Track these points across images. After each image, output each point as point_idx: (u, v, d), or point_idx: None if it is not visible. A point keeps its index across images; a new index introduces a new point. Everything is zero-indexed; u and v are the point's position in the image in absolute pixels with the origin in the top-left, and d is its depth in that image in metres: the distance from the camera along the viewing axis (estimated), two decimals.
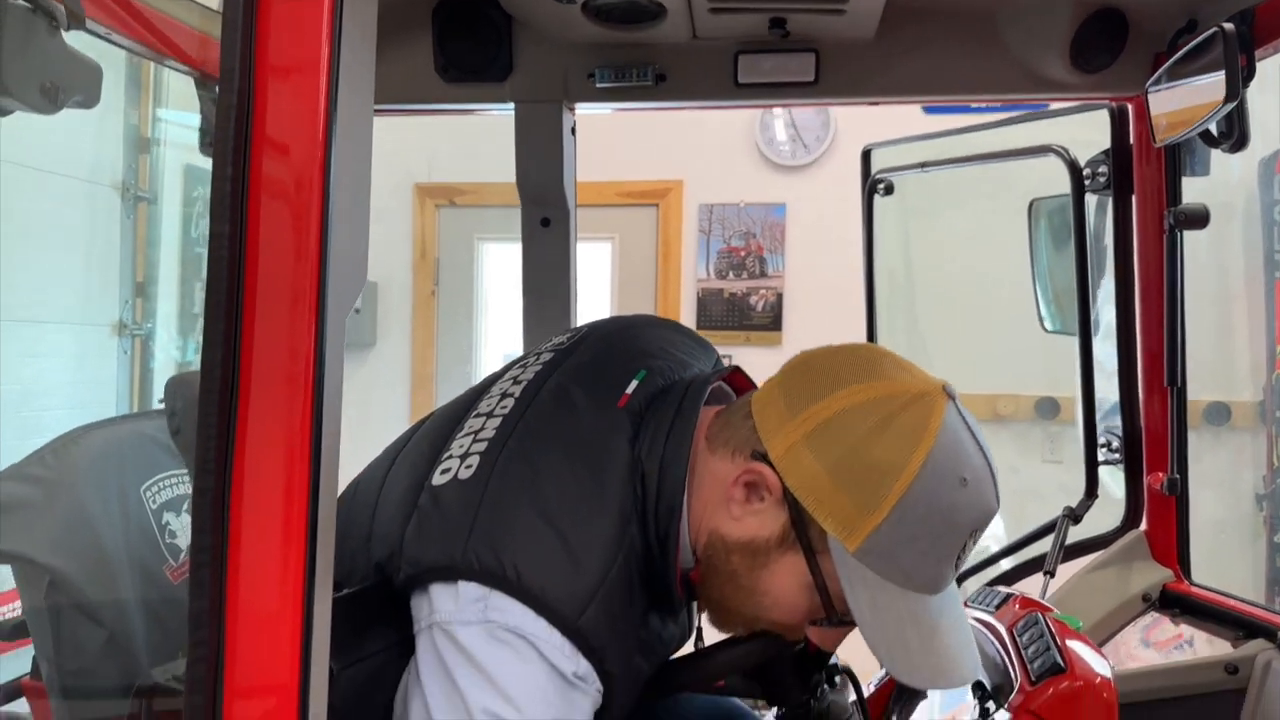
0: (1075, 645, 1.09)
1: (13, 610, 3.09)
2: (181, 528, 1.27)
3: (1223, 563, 3.61)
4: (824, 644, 0.98)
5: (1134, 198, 1.68)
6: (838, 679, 1.26)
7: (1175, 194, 1.63)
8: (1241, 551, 3.82)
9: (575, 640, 0.89)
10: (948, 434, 0.91)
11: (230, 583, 0.74)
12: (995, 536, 2.44)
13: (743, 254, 4.19)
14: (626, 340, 1.12)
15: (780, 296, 4.17)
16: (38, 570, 1.04)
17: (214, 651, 0.74)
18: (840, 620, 0.93)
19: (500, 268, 4.48)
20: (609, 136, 3.49)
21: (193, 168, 4.06)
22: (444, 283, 4.52)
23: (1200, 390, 1.79)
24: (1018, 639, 1.14)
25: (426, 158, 4.26)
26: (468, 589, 0.90)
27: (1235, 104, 1.33)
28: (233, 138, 0.72)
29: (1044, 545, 1.79)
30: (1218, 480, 3.78)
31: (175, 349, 3.90)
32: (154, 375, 3.78)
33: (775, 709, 1.21)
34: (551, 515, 0.92)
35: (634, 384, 1.02)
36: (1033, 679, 1.05)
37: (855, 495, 0.89)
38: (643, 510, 0.96)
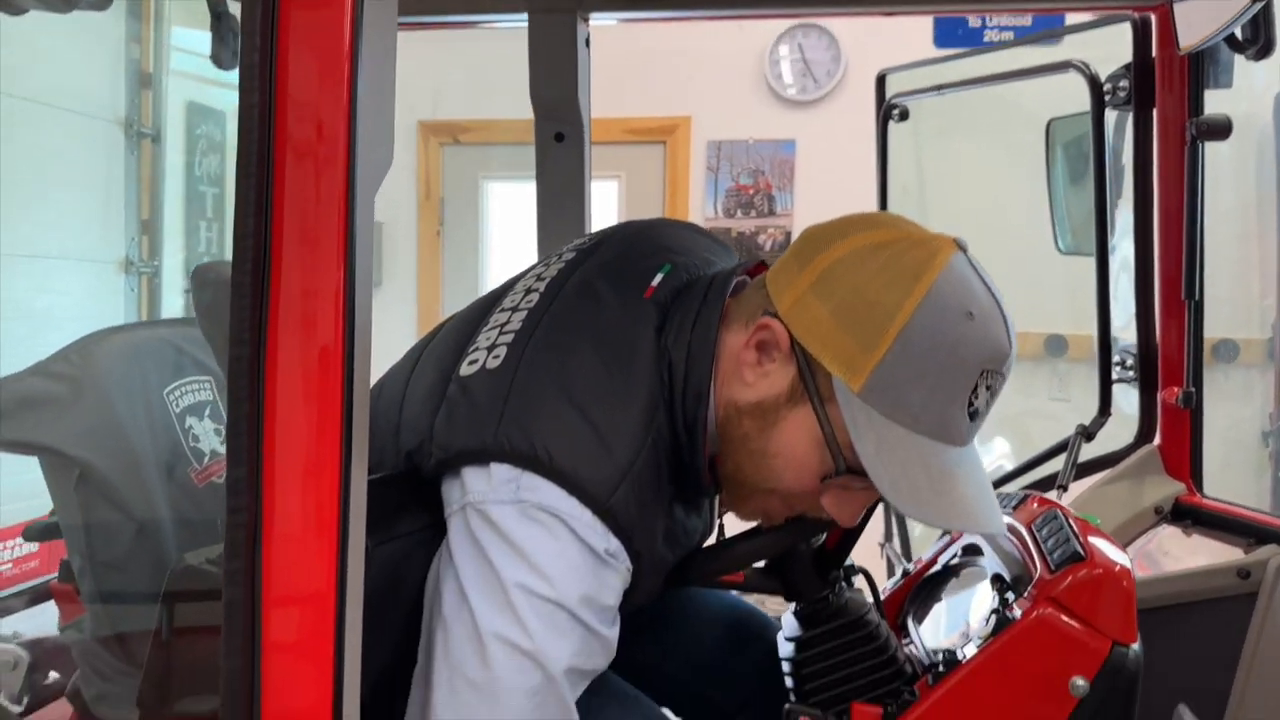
0: (1095, 539, 1.10)
1: (9, 544, 3.12)
2: (205, 433, 1.28)
3: (1229, 497, 3.63)
4: (841, 516, 0.97)
5: (1155, 111, 1.66)
6: (855, 579, 1.27)
7: (1198, 106, 1.61)
8: (1247, 487, 3.85)
9: (606, 520, 0.91)
10: (953, 272, 0.90)
11: (267, 449, 0.74)
12: (1005, 454, 2.45)
13: (751, 192, 4.17)
14: (650, 238, 1.12)
15: (789, 235, 4.15)
16: (67, 463, 1.05)
17: (252, 518, 0.74)
18: (849, 469, 0.92)
19: (506, 207, 4.45)
20: (615, 71, 3.45)
21: (195, 105, 4.02)
22: (449, 223, 4.50)
23: (1210, 327, 1.81)
24: (1036, 534, 1.15)
25: (431, 94, 4.22)
26: (500, 470, 0.91)
27: (1263, 5, 1.31)
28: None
29: (1057, 464, 1.80)
30: (1225, 416, 3.79)
31: (184, 287, 3.89)
32: (162, 313, 3.78)
33: (794, 604, 1.23)
34: (580, 401, 0.93)
35: (659, 277, 1.02)
36: (1052, 568, 1.06)
37: (857, 333, 0.89)
38: (670, 398, 0.96)
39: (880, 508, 2.53)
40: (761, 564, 1.24)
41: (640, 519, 0.93)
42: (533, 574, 0.88)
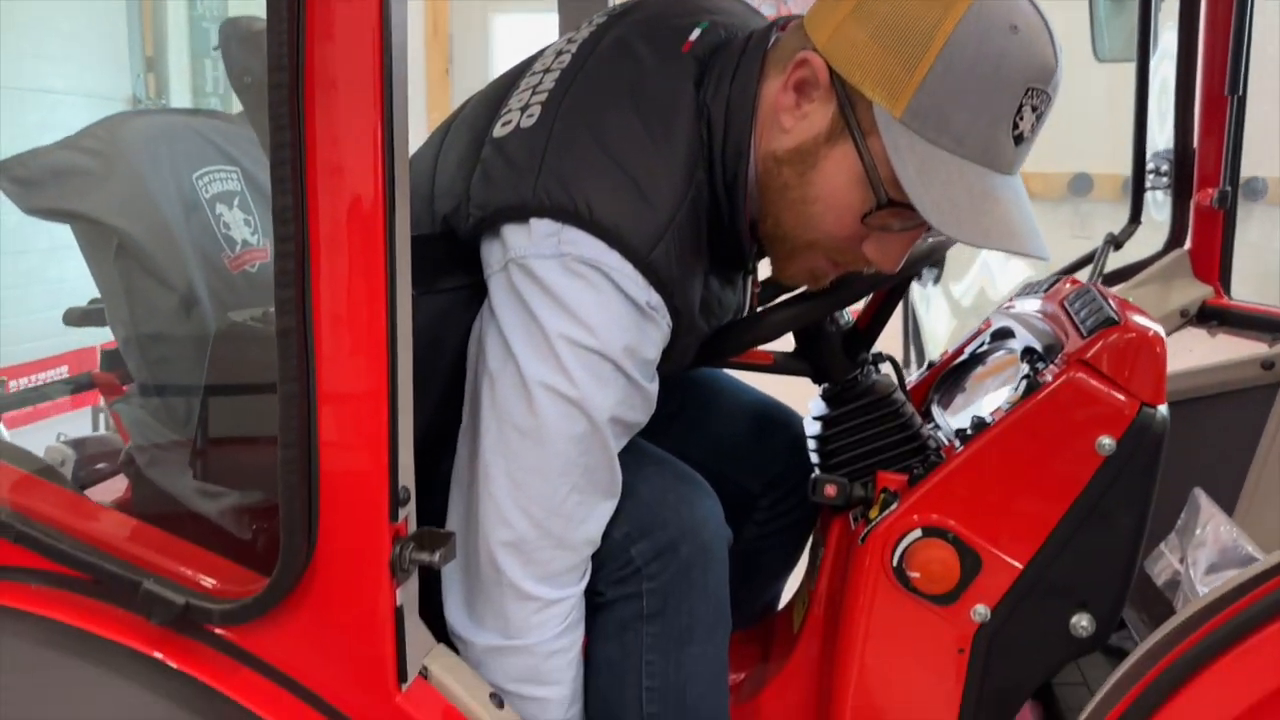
0: (1129, 311, 1.10)
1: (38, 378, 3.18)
2: (235, 222, 1.28)
3: None
4: (884, 262, 0.96)
5: None
6: (882, 365, 1.29)
7: None
8: None
9: (647, 274, 0.91)
10: None
11: (310, 177, 0.74)
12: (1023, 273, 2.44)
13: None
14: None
15: None
16: (104, 232, 1.05)
17: (300, 246, 0.75)
18: (890, 202, 0.91)
19: (516, 43, 4.31)
20: None
21: None
22: (457, 62, 4.37)
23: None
24: (1069, 308, 1.16)
25: None
26: (540, 225, 0.91)
27: None
28: None
29: (1081, 277, 1.79)
30: (1249, 252, 3.75)
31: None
32: None
33: (821, 387, 1.25)
34: (619, 155, 0.92)
35: (696, 33, 0.99)
36: (1084, 334, 1.06)
37: (899, 52, 0.87)
38: (709, 154, 0.95)
39: (897, 322, 2.51)
40: (791, 348, 1.26)
41: (680, 276, 0.94)
42: (576, 325, 0.89)
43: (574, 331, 0.89)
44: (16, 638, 0.80)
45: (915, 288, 2.41)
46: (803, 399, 1.32)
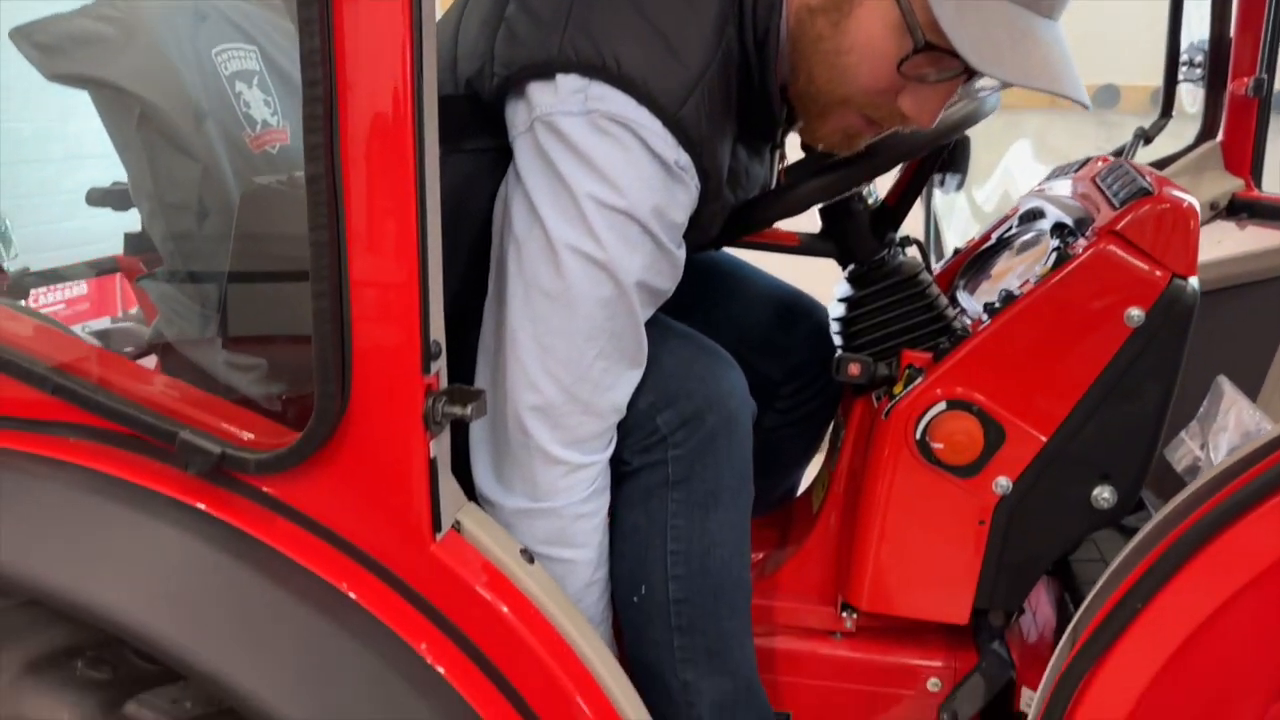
0: (1165, 185, 1.08)
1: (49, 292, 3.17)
2: (255, 101, 1.26)
3: None
4: (920, 116, 0.95)
5: None
6: (909, 249, 1.28)
7: None
8: None
9: (675, 132, 0.90)
10: None
11: (336, 18, 0.73)
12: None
13: None
14: None
15: None
16: (126, 100, 1.04)
17: (328, 91, 0.74)
18: (928, 45, 0.89)
19: None
20: None
21: None
22: None
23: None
24: (1101, 184, 1.14)
25: None
26: (566, 81, 0.89)
27: None
28: None
29: None
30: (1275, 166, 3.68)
31: None
32: None
33: (847, 268, 1.25)
34: (648, 9, 0.90)
35: None
36: (1116, 206, 1.05)
37: None
38: (740, 10, 0.93)
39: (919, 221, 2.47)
40: (817, 230, 1.25)
41: (709, 135, 0.93)
42: (603, 184, 0.89)
43: (602, 191, 0.89)
44: (64, 486, 0.82)
45: (937, 194, 2.38)
46: (825, 290, 1.32)
